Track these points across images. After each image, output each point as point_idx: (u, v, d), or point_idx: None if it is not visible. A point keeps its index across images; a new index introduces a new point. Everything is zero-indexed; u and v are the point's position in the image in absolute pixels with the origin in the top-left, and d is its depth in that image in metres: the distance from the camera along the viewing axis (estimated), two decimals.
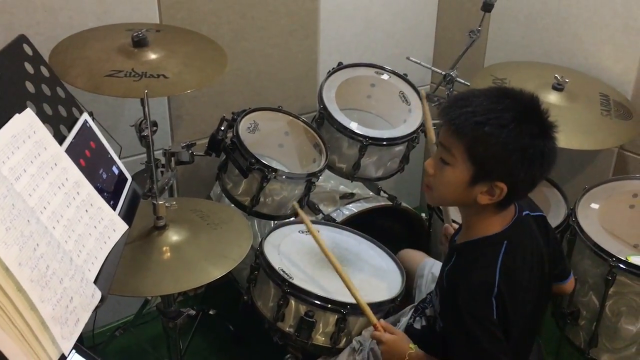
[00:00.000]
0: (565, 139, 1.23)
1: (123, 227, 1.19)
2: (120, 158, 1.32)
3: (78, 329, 0.95)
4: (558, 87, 1.94)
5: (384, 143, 1.93)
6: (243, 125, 1.82)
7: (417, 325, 1.51)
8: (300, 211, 1.57)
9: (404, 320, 1.58)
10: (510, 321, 1.25)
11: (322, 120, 1.95)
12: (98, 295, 1.02)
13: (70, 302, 0.94)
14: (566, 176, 2.24)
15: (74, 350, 0.99)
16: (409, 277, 1.73)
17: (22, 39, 1.17)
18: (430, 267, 1.77)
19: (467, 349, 1.25)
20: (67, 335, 0.92)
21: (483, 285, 1.23)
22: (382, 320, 1.48)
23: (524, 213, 1.33)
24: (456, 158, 1.21)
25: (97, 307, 1.01)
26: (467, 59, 2.14)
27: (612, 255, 1.67)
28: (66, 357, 0.94)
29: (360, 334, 1.57)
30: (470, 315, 1.23)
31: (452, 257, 1.33)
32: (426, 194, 1.34)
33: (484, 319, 1.22)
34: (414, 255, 1.86)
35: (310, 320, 1.53)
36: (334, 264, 1.50)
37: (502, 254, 1.25)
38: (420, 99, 2.03)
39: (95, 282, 1.04)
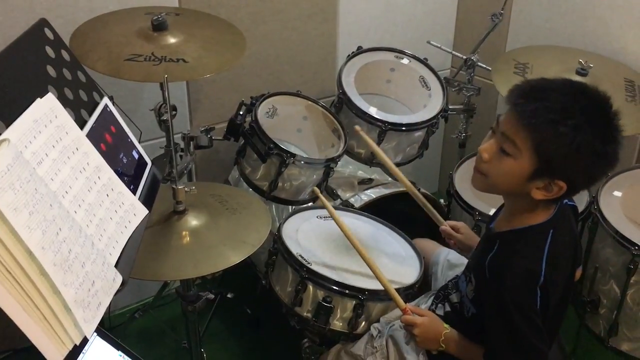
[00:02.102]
0: None
1: (143, 211, 1.20)
2: (139, 142, 1.32)
3: (100, 312, 0.96)
4: (582, 72, 1.91)
5: (403, 128, 1.91)
6: (262, 109, 1.82)
7: (440, 312, 1.51)
8: (321, 196, 1.57)
9: (423, 308, 1.57)
10: (550, 309, 1.24)
11: (341, 105, 1.93)
12: (119, 279, 1.03)
13: (92, 286, 0.94)
14: None
15: (95, 333, 1.01)
16: (424, 265, 1.72)
17: (43, 22, 1.17)
18: (446, 255, 1.77)
19: (507, 337, 1.24)
20: (90, 319, 0.93)
21: (529, 274, 1.21)
22: (409, 304, 1.47)
23: (564, 202, 1.31)
24: (520, 151, 1.17)
25: (118, 291, 1.02)
26: (489, 43, 2.10)
27: (634, 244, 1.65)
28: (88, 340, 0.95)
29: (378, 320, 1.57)
30: (514, 304, 1.21)
31: (495, 246, 1.30)
32: (476, 179, 1.30)
33: (527, 308, 1.21)
34: (426, 245, 1.85)
35: (328, 305, 1.53)
36: (357, 248, 1.50)
37: (548, 243, 1.23)
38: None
39: (116, 266, 1.05)
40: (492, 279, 1.26)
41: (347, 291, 1.54)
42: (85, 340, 0.93)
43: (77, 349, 0.92)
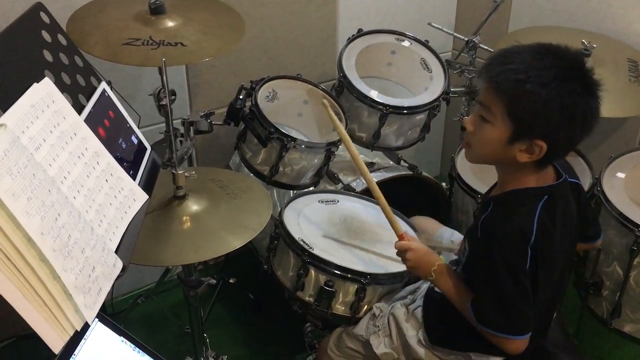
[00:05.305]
0: None
1: (143, 196, 1.19)
2: (139, 127, 1.31)
3: (101, 298, 0.95)
4: (585, 53, 1.88)
5: (405, 112, 1.90)
6: (262, 93, 1.80)
7: (438, 289, 1.50)
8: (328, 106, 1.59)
9: (424, 287, 1.56)
10: (538, 280, 1.24)
11: (342, 89, 1.92)
12: (119, 264, 1.03)
13: (92, 272, 0.94)
14: (591, 144, 2.19)
15: (96, 319, 1.01)
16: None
17: (39, 6, 1.15)
18: (450, 236, 1.76)
19: (493, 297, 1.26)
20: (90, 304, 0.92)
21: (521, 233, 1.22)
22: (408, 232, 1.48)
23: (564, 177, 1.31)
24: (496, 116, 1.20)
25: (118, 277, 1.02)
26: (491, 25, 2.08)
27: (637, 225, 1.65)
28: (89, 326, 0.95)
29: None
30: (504, 262, 1.22)
31: (489, 207, 1.31)
32: (465, 152, 1.33)
33: (516, 267, 1.22)
34: (427, 223, 1.84)
35: (330, 289, 1.53)
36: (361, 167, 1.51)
37: (540, 207, 1.24)
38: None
39: (116, 251, 1.04)
40: (484, 238, 1.27)
41: (349, 275, 1.54)
42: (86, 326, 0.92)
43: (79, 335, 0.92)
